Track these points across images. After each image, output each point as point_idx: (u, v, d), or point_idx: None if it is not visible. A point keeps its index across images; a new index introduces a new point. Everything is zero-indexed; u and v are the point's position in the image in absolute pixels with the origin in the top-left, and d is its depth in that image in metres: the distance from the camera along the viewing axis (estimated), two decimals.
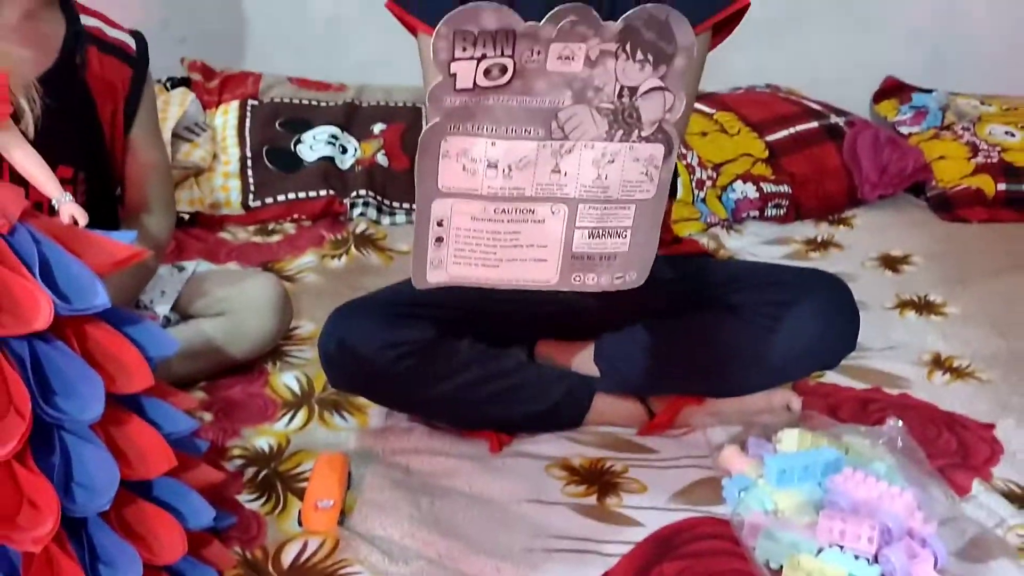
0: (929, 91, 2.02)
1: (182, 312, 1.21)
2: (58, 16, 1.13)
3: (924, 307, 1.43)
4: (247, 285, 1.23)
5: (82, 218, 0.81)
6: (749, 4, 1.05)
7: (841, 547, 0.89)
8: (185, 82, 1.83)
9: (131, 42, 1.21)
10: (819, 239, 1.66)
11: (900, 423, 1.06)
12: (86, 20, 1.16)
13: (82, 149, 1.14)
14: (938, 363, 1.28)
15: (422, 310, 1.03)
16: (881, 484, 0.94)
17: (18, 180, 0.83)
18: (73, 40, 1.13)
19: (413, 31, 1.06)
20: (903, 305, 1.43)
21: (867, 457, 1.00)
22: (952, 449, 1.10)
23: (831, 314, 1.07)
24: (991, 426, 1.14)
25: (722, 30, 1.08)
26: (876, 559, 0.88)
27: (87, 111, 1.15)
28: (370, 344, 1.01)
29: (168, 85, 1.81)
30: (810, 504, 0.95)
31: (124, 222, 1.24)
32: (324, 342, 1.04)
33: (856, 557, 0.88)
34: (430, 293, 1.07)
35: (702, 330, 1.07)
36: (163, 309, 1.19)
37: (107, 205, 1.20)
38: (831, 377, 1.20)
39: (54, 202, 0.81)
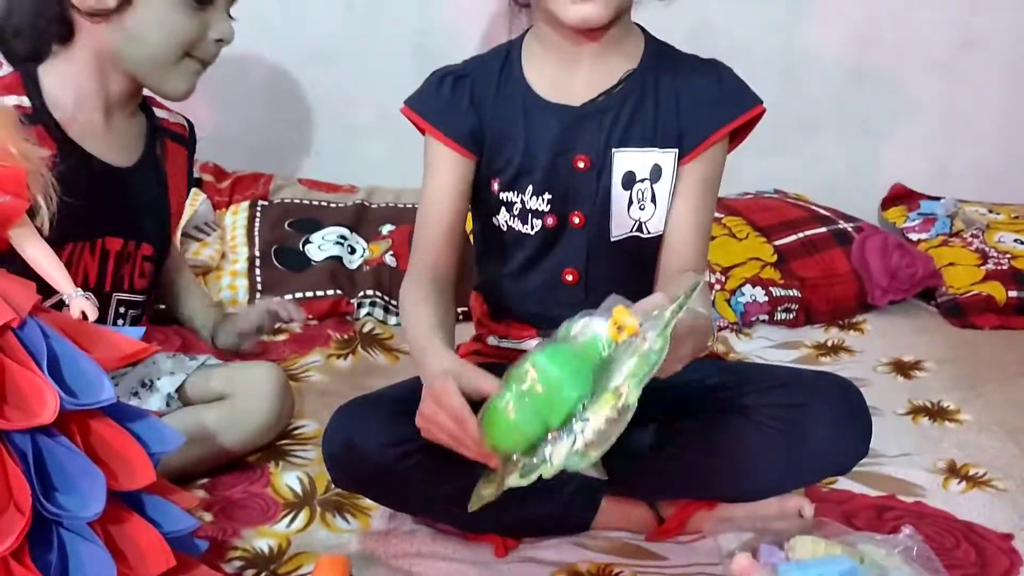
0: (937, 198, 2.05)
1: (184, 399, 1.21)
2: (138, 112, 1.25)
3: (938, 413, 1.42)
4: (248, 371, 1.25)
5: (92, 313, 0.82)
6: (764, 110, 1.09)
7: None
8: (197, 183, 1.86)
9: (184, 123, 1.34)
10: (829, 344, 1.66)
11: (916, 532, 1.05)
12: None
13: (160, 230, 1.26)
14: (953, 471, 1.26)
15: None
16: None
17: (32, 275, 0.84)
18: (153, 134, 1.25)
19: (422, 131, 1.11)
20: (916, 411, 1.43)
21: (883, 567, 0.98)
22: (970, 560, 1.08)
23: (843, 417, 1.06)
24: (1010, 536, 1.13)
25: (737, 136, 1.11)
26: None
27: (164, 195, 1.27)
28: (374, 442, 1.01)
29: None
30: None
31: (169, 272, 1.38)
32: (328, 440, 1.04)
33: None
34: None
35: (711, 433, 1.06)
36: (168, 387, 1.20)
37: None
38: (844, 483, 1.19)
39: (65, 297, 0.82)
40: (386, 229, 1.80)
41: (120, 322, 1.22)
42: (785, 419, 1.05)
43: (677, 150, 1.08)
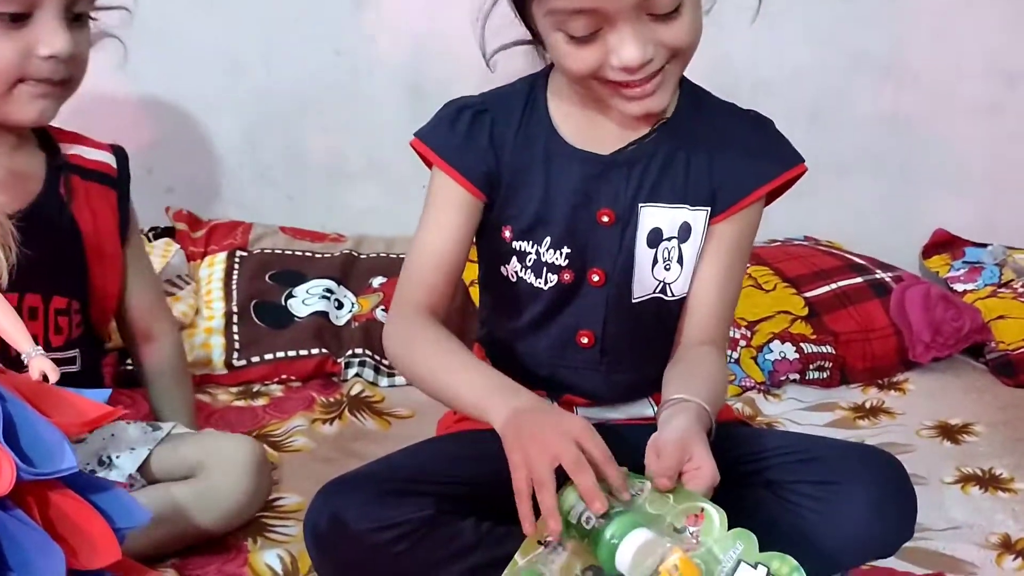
0: (984, 245, 2.06)
1: (149, 476, 1.20)
2: (36, 150, 1.21)
3: (989, 482, 1.42)
4: (220, 444, 1.23)
5: (53, 374, 0.83)
6: (806, 170, 1.09)
7: None
8: (169, 232, 1.88)
9: (111, 160, 1.29)
10: (867, 405, 1.66)
11: None
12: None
13: (73, 279, 1.21)
14: (1008, 546, 1.26)
15: (422, 486, 1.02)
16: None
17: None
18: (55, 173, 1.20)
19: (430, 165, 1.10)
20: (965, 480, 1.42)
21: None
22: None
23: (884, 497, 1.06)
24: None
25: (774, 195, 1.12)
26: None
27: (76, 241, 1.22)
28: (361, 524, 1.00)
29: (151, 236, 1.85)
30: None
31: (137, 340, 1.35)
32: (311, 521, 1.03)
33: None
34: (432, 465, 1.07)
35: (736, 510, 1.05)
36: (128, 466, 1.18)
37: (93, 331, 1.28)
38: (886, 562, 1.18)
39: (23, 356, 0.83)
40: (377, 282, 1.81)
41: None
42: (818, 498, 1.04)
43: (709, 209, 1.08)
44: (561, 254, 1.09)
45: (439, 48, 1.95)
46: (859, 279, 1.84)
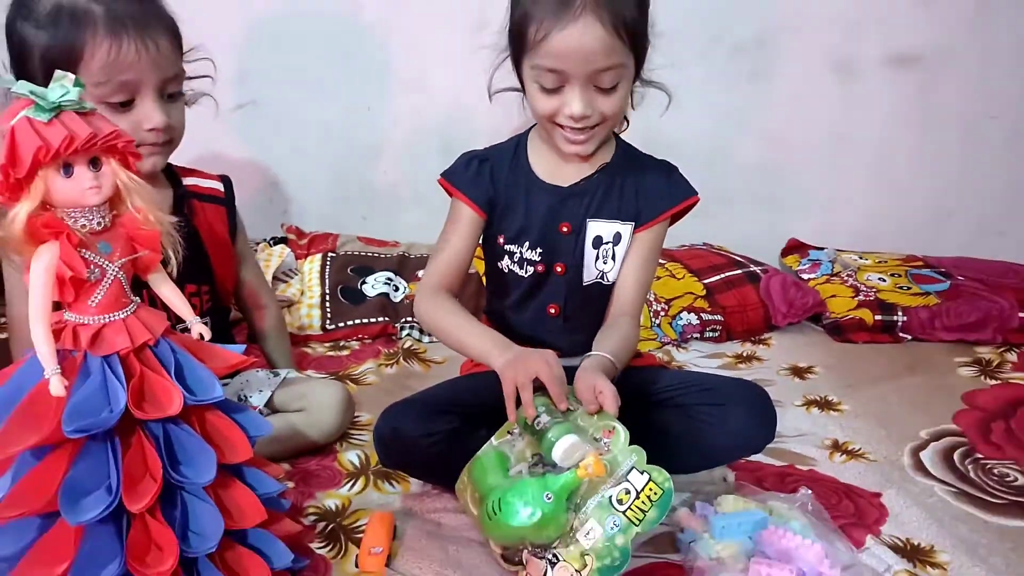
0: (822, 248, 2.06)
1: (272, 407, 1.21)
2: (165, 182, 1.20)
3: (824, 405, 1.42)
4: (321, 389, 1.22)
5: (207, 334, 0.83)
6: (699, 200, 1.12)
7: None
8: (284, 240, 1.87)
9: (220, 186, 1.28)
10: (744, 354, 1.66)
11: (810, 492, 1.04)
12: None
13: (200, 272, 1.21)
14: (836, 447, 1.26)
15: (450, 407, 1.03)
16: (797, 538, 0.92)
17: (161, 307, 0.85)
18: (180, 198, 1.19)
19: (451, 195, 1.12)
20: (809, 403, 1.42)
21: (786, 517, 0.98)
22: (850, 512, 1.08)
23: (756, 414, 1.06)
24: (878, 495, 1.12)
25: (678, 217, 1.14)
26: None
27: (199, 245, 1.21)
28: (411, 433, 1.01)
29: (271, 242, 1.85)
30: (743, 553, 0.93)
31: (249, 308, 1.36)
32: (378, 431, 1.03)
33: None
34: (457, 394, 1.07)
35: (658, 424, 1.06)
36: (259, 402, 1.19)
37: (221, 306, 1.28)
38: (756, 457, 1.18)
39: (188, 323, 0.83)
40: (421, 273, 1.80)
41: None
42: (712, 415, 1.04)
43: (633, 223, 1.10)
44: (536, 253, 1.10)
45: (462, 118, 1.94)
46: (739, 271, 1.84)
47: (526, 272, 1.12)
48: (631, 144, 1.15)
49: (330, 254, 1.83)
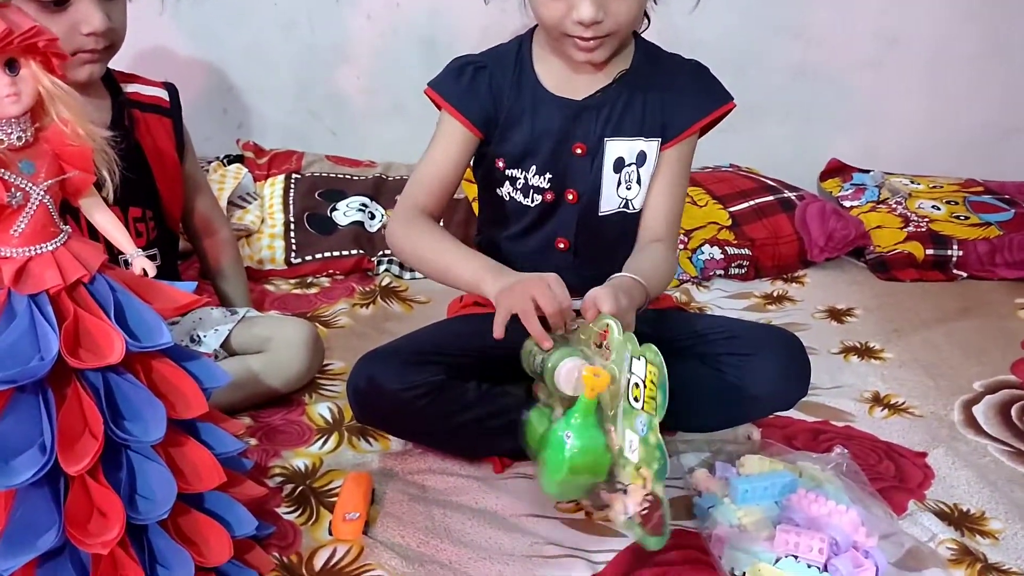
0: (867, 171, 2.04)
1: (229, 349, 1.21)
2: (103, 90, 1.17)
3: (865, 352, 1.43)
4: (285, 327, 1.23)
5: (151, 270, 0.82)
6: (735, 106, 1.09)
7: (796, 557, 0.88)
8: (240, 159, 1.85)
9: (164, 94, 1.25)
10: (775, 294, 1.66)
11: (846, 451, 1.05)
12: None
13: (145, 193, 1.20)
14: (877, 400, 1.27)
15: (434, 356, 1.03)
16: (830, 503, 0.94)
17: (97, 238, 0.83)
18: (119, 108, 1.17)
19: (439, 107, 1.09)
20: (847, 351, 1.43)
21: (818, 480, 0.99)
22: (890, 474, 1.09)
23: (787, 365, 1.06)
24: (923, 454, 1.14)
25: (707, 129, 1.11)
26: (826, 568, 0.87)
27: (142, 161, 1.19)
28: (391, 384, 1.01)
29: (225, 161, 1.82)
30: (769, 520, 0.94)
31: (200, 237, 1.35)
32: (353, 382, 1.03)
33: (808, 566, 0.87)
34: (443, 341, 1.07)
35: (676, 376, 1.04)
36: (214, 343, 1.19)
37: (171, 235, 1.27)
38: (786, 412, 1.19)
39: (128, 256, 0.81)
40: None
41: None
42: (738, 367, 1.05)
43: (660, 139, 1.08)
44: (544, 179, 1.08)
45: (448, 13, 1.90)
46: (771, 197, 1.83)
47: (532, 201, 1.10)
48: (653, 43, 1.12)
49: (294, 175, 1.81)
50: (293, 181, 1.79)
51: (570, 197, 1.09)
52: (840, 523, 0.91)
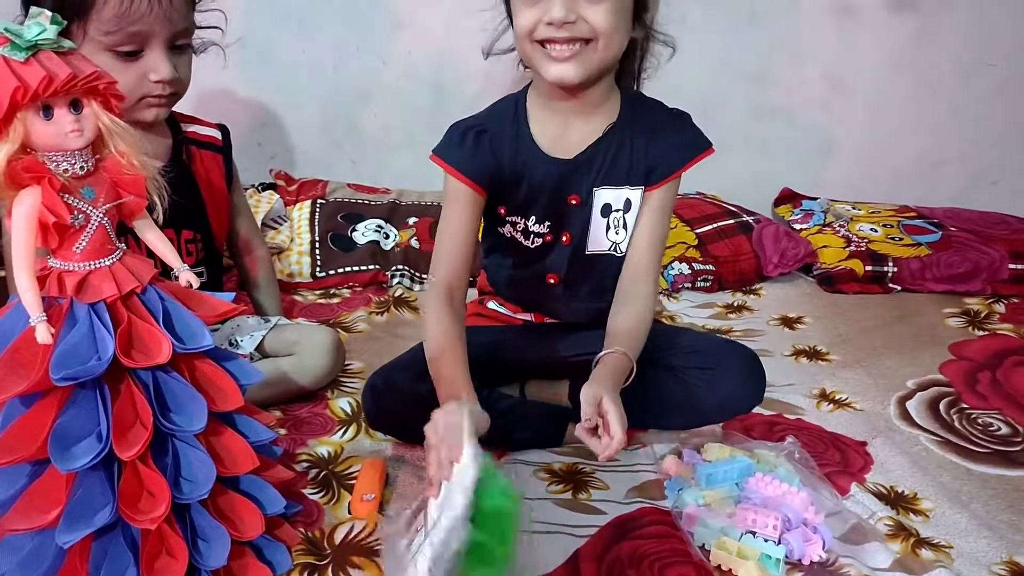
0: (815, 198, 2.05)
1: (263, 352, 1.21)
2: (166, 129, 1.18)
3: (813, 355, 1.43)
4: (311, 333, 1.23)
5: (195, 282, 0.82)
6: (714, 151, 1.04)
7: (754, 533, 0.88)
8: (272, 186, 1.85)
9: (218, 134, 1.26)
10: (735, 304, 1.66)
11: (797, 440, 1.05)
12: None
13: (196, 219, 1.20)
14: (824, 396, 1.27)
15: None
16: (783, 485, 0.94)
17: (149, 255, 0.84)
18: (179, 145, 1.18)
19: (447, 172, 1.02)
20: (798, 353, 1.43)
21: (772, 465, 0.99)
22: (835, 460, 1.09)
23: (745, 377, 1.07)
24: (864, 443, 1.14)
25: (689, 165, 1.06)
26: (780, 541, 0.88)
27: (196, 192, 1.20)
28: (405, 387, 1.01)
29: (259, 188, 1.82)
30: (730, 500, 0.94)
31: (241, 255, 1.34)
32: (370, 382, 1.03)
33: (765, 540, 0.87)
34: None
35: (648, 384, 1.02)
36: (249, 347, 1.20)
37: (216, 254, 1.27)
38: None
39: (175, 271, 0.82)
40: (412, 220, 1.79)
41: None
42: (703, 377, 1.05)
43: (644, 185, 1.03)
44: (544, 226, 1.05)
45: (454, 59, 1.90)
46: (732, 220, 1.84)
47: (532, 243, 1.06)
48: (639, 94, 1.06)
49: (319, 201, 1.81)
50: (318, 206, 1.79)
51: (564, 239, 1.05)
52: (792, 503, 0.92)
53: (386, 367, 1.03)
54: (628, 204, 1.03)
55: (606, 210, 1.03)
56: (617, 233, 1.05)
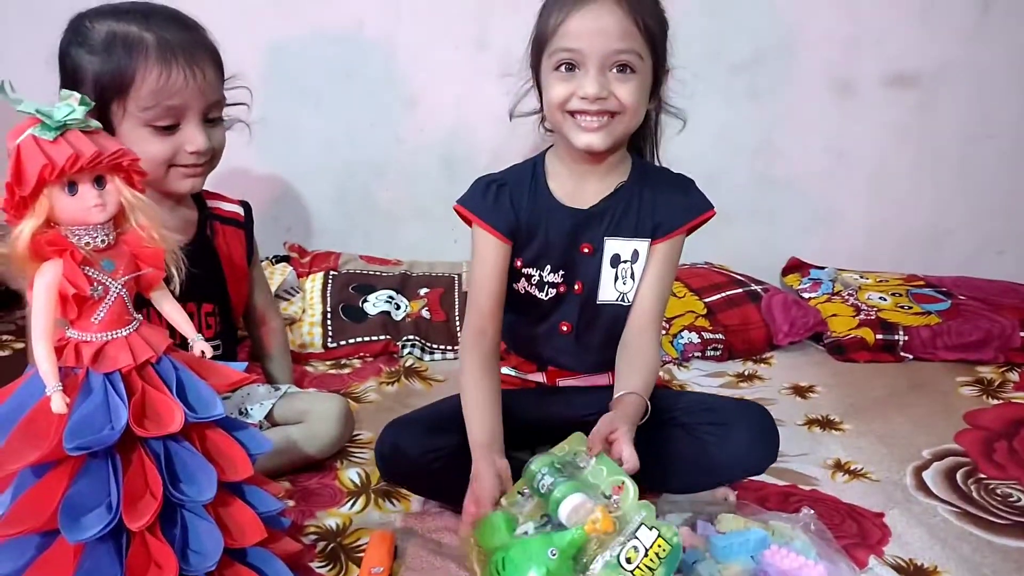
0: (822, 267, 2.06)
1: (272, 420, 1.21)
2: (193, 204, 1.21)
3: (826, 424, 1.41)
4: (321, 402, 1.23)
5: (209, 352, 0.83)
6: (715, 214, 1.10)
7: None
8: (286, 259, 1.88)
9: (240, 211, 1.29)
10: (746, 373, 1.66)
11: (812, 511, 1.03)
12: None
13: (216, 293, 1.22)
14: (839, 466, 1.25)
15: (451, 424, 1.03)
16: (800, 558, 0.92)
17: (164, 324, 0.85)
18: (204, 220, 1.20)
19: (469, 223, 1.08)
20: (811, 422, 1.42)
21: (788, 537, 0.97)
22: (852, 532, 1.07)
23: (758, 435, 1.06)
24: (881, 515, 1.12)
25: (694, 230, 1.12)
26: None
27: (217, 266, 1.22)
28: (412, 452, 1.01)
29: (273, 260, 1.85)
30: (746, 573, 0.92)
31: (257, 327, 1.36)
32: (379, 447, 1.03)
33: None
34: (458, 412, 1.07)
35: (661, 443, 1.05)
36: (259, 415, 1.20)
37: (232, 327, 1.27)
38: (759, 477, 1.18)
39: (190, 341, 0.83)
40: (423, 291, 1.81)
41: None
42: (715, 435, 1.04)
43: (650, 239, 1.08)
44: (558, 275, 1.08)
45: (463, 135, 1.95)
46: (740, 290, 1.84)
47: (546, 295, 1.09)
48: (647, 161, 1.13)
49: (332, 272, 1.83)
50: (331, 277, 1.81)
51: (576, 288, 1.09)
52: None
53: (391, 429, 1.03)
54: (636, 255, 1.08)
55: (615, 260, 1.08)
56: (624, 283, 1.09)
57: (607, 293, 1.09)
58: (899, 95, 2.01)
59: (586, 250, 1.07)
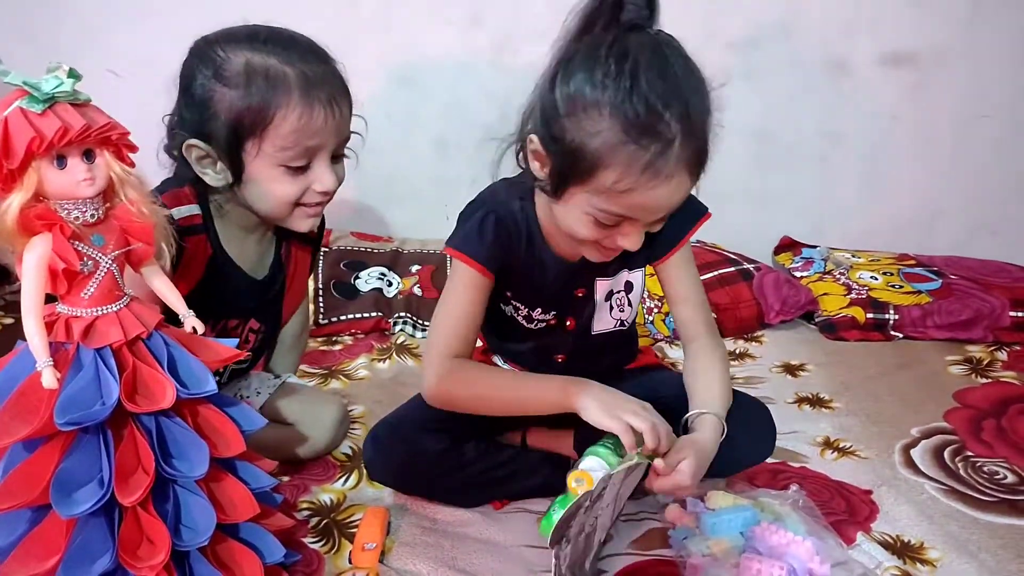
0: (815, 247, 2.06)
1: (265, 414, 1.15)
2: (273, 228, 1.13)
3: (816, 402, 1.42)
4: (317, 403, 1.19)
5: (200, 328, 0.82)
6: (710, 216, 1.07)
7: None
8: None
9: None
10: (737, 352, 1.66)
11: (801, 489, 1.04)
12: None
13: (271, 314, 1.16)
14: (828, 444, 1.27)
15: (439, 424, 1.01)
16: (788, 534, 0.93)
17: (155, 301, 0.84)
18: (279, 240, 1.14)
19: (462, 262, 1.00)
20: (801, 401, 1.43)
21: (777, 514, 0.98)
22: (841, 509, 1.08)
23: (756, 437, 1.06)
24: (869, 492, 1.13)
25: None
26: None
27: (283, 289, 1.16)
28: (398, 459, 1.02)
29: None
30: (735, 549, 0.93)
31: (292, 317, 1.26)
32: (366, 453, 1.03)
33: None
34: (444, 412, 1.02)
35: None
36: (256, 404, 1.16)
37: (269, 342, 1.22)
38: None
39: (181, 317, 0.82)
40: (414, 268, 1.80)
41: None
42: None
43: (642, 269, 1.06)
44: (550, 314, 1.06)
45: (457, 115, 1.94)
46: (732, 268, 1.85)
47: (536, 326, 1.07)
48: None
49: (324, 249, 1.82)
50: (322, 254, 1.81)
51: (568, 323, 1.07)
52: (797, 552, 0.90)
53: (388, 418, 1.03)
54: (629, 285, 1.07)
55: (608, 295, 1.06)
56: (622, 311, 1.08)
57: (603, 324, 1.08)
58: (894, 76, 2.00)
59: (580, 293, 1.05)
